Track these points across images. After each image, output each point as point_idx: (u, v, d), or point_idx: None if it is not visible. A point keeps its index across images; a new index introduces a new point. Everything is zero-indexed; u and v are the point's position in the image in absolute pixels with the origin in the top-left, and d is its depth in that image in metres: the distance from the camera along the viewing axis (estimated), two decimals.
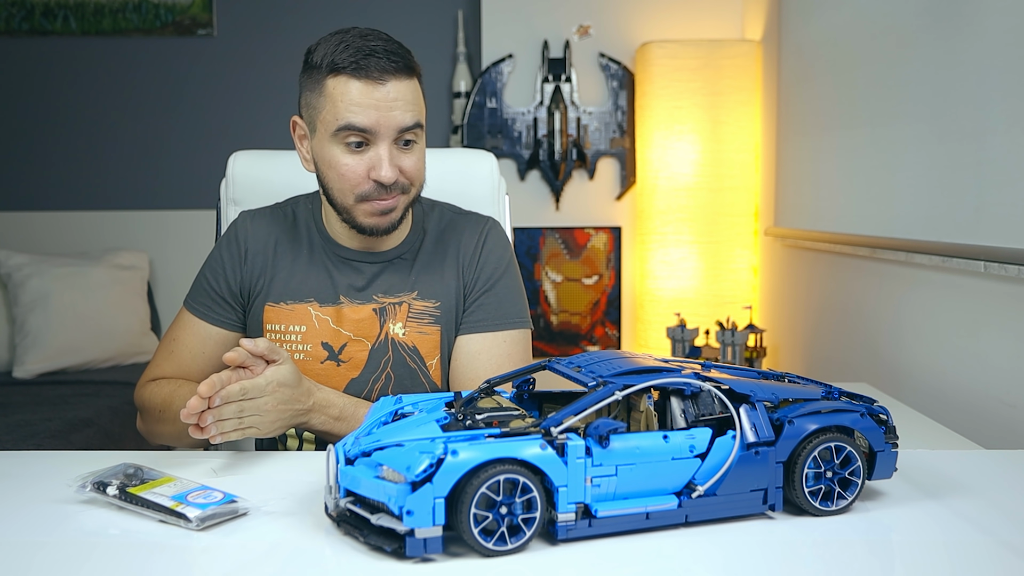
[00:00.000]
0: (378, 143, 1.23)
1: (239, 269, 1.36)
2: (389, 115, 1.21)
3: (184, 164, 3.51)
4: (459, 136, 3.28)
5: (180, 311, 1.39)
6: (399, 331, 1.33)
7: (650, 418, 0.89)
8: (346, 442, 0.87)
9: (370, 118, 1.21)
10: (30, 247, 3.29)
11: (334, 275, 1.35)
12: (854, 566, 0.80)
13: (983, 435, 1.60)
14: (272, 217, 1.40)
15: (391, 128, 1.22)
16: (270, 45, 3.48)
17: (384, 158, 1.22)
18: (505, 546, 0.78)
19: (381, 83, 1.21)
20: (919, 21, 1.86)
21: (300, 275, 1.35)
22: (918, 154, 1.86)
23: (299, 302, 1.34)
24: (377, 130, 1.22)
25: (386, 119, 1.21)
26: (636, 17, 3.23)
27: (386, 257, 1.36)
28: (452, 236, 1.40)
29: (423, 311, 1.34)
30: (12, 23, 3.46)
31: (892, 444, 0.92)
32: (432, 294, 1.35)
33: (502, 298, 1.37)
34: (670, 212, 3.05)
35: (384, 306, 1.34)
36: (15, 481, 1.01)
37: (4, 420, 2.40)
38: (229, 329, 1.37)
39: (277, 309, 1.34)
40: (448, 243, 1.39)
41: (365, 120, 1.21)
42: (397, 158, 1.24)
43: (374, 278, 1.35)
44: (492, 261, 1.38)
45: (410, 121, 1.23)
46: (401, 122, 1.22)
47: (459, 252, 1.38)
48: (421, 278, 1.36)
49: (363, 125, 1.21)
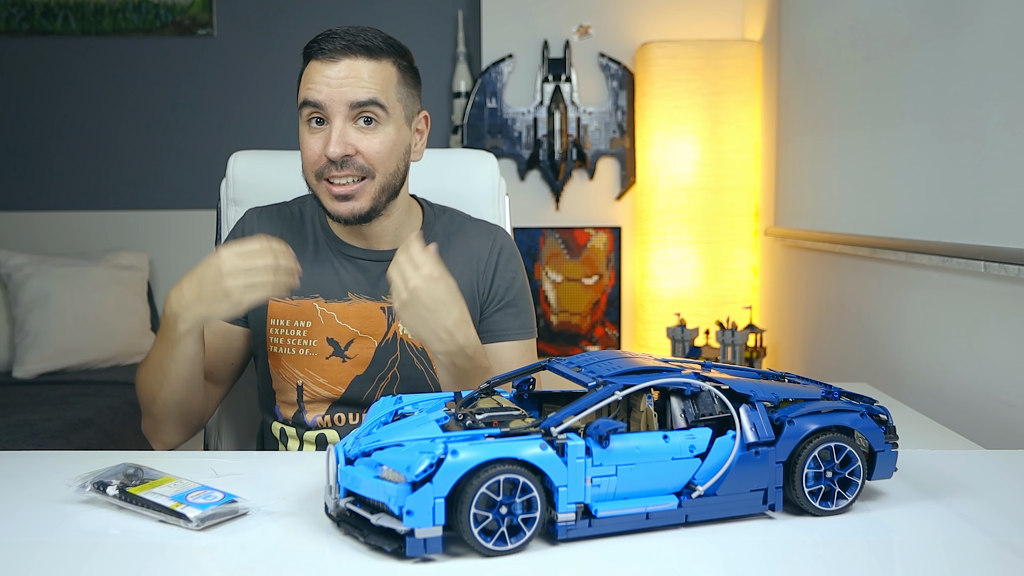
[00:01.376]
0: (333, 119, 1.25)
1: None
2: (339, 91, 1.24)
3: (184, 164, 3.51)
4: (459, 136, 3.28)
5: None
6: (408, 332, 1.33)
7: (650, 418, 0.89)
8: (346, 442, 0.87)
9: (321, 93, 1.24)
10: (30, 247, 3.29)
11: (341, 272, 1.35)
12: (854, 566, 0.80)
13: (983, 435, 1.60)
14: (279, 215, 1.41)
15: (340, 103, 1.24)
16: (270, 45, 3.48)
17: (334, 132, 1.24)
18: (505, 546, 0.78)
19: (333, 61, 1.25)
20: (919, 21, 1.86)
21: (306, 271, 1.34)
22: (918, 154, 1.86)
23: (304, 298, 1.34)
24: (328, 105, 1.24)
25: (337, 94, 1.24)
26: (636, 17, 3.23)
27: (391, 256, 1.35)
28: (461, 240, 1.41)
29: None
30: (12, 23, 3.46)
31: (892, 444, 0.92)
32: None
33: (523, 307, 1.42)
34: (670, 212, 3.05)
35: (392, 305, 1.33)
36: (15, 481, 1.01)
37: (4, 420, 2.40)
38: (237, 325, 1.36)
39: (282, 304, 1.34)
40: (457, 247, 1.39)
41: (317, 95, 1.24)
42: (350, 135, 1.25)
43: (379, 277, 1.35)
44: (511, 270, 1.42)
45: (362, 96, 1.24)
46: (351, 97, 1.24)
47: (471, 258, 1.39)
48: None
49: (315, 100, 1.24)
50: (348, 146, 1.25)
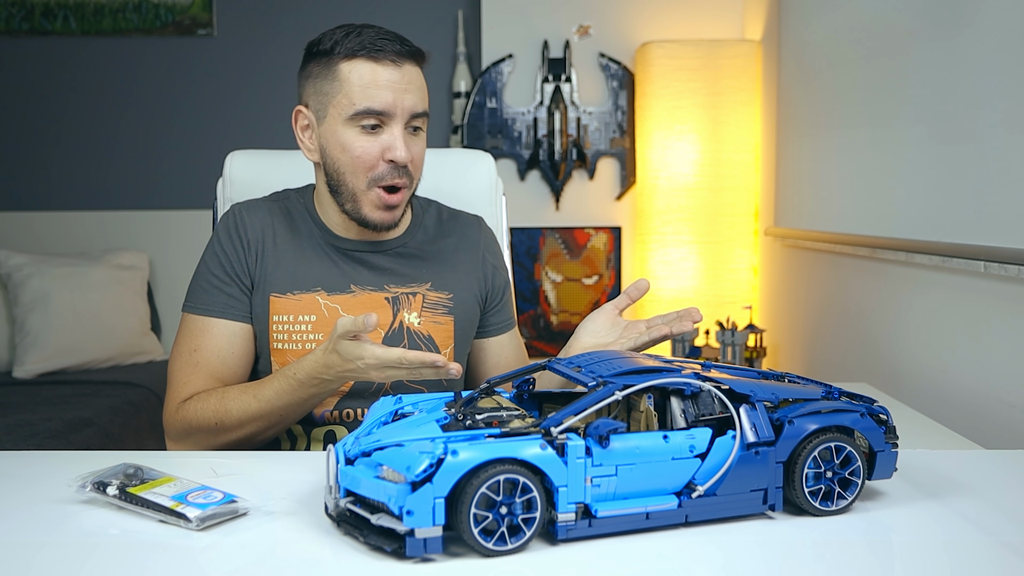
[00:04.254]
0: (392, 125, 1.26)
1: (244, 258, 1.33)
2: (404, 96, 1.25)
3: (184, 164, 3.51)
4: (459, 136, 3.28)
5: (187, 320, 1.32)
6: (414, 320, 1.35)
7: (650, 418, 0.89)
8: (346, 442, 0.87)
9: (387, 100, 1.24)
10: (30, 247, 3.29)
11: (341, 265, 1.35)
12: (854, 566, 0.80)
13: (983, 435, 1.60)
14: (268, 209, 1.38)
15: (405, 111, 1.25)
16: (270, 45, 3.48)
17: (399, 137, 1.25)
18: (505, 546, 0.78)
19: (397, 66, 1.25)
20: (919, 22, 1.86)
21: (304, 264, 1.34)
22: (918, 154, 1.86)
23: (306, 292, 1.32)
24: (393, 112, 1.25)
25: (402, 100, 1.25)
26: (636, 17, 3.23)
27: (389, 247, 1.38)
28: (454, 231, 1.45)
29: (437, 302, 1.37)
30: (12, 23, 3.46)
31: (892, 444, 0.92)
32: (445, 286, 1.39)
33: (510, 294, 1.50)
34: (670, 212, 3.05)
35: (397, 295, 1.35)
36: (15, 481, 1.01)
37: (4, 420, 2.40)
38: (250, 322, 1.33)
39: (284, 300, 1.32)
40: (452, 239, 1.43)
41: (382, 101, 1.24)
42: (409, 142, 1.27)
43: (382, 268, 1.36)
44: (502, 263, 1.48)
45: (420, 107, 1.27)
46: (414, 106, 1.26)
47: (471, 249, 1.44)
48: (433, 271, 1.39)
49: (381, 107, 1.24)
50: (409, 152, 1.27)
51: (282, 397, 1.21)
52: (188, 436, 1.26)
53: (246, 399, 1.22)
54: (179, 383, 1.28)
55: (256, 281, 1.33)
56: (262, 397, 1.22)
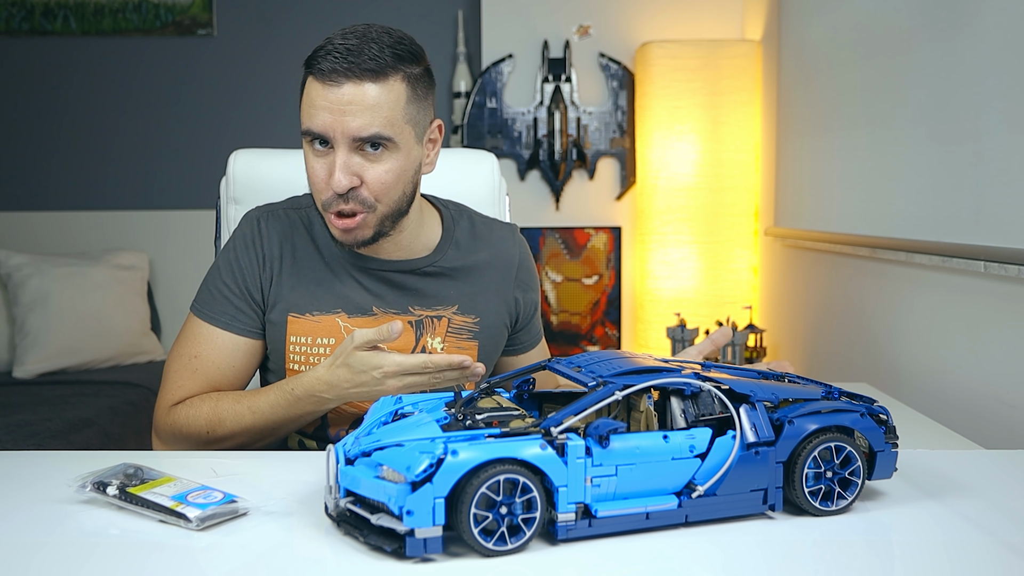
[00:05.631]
0: (336, 147, 1.15)
1: (259, 274, 1.28)
2: (341, 120, 1.13)
3: (184, 164, 3.51)
4: (459, 136, 3.28)
5: (192, 322, 1.28)
6: (437, 346, 1.30)
7: (650, 418, 0.89)
8: (346, 442, 0.87)
9: (324, 122, 1.14)
10: (30, 247, 3.29)
11: (364, 284, 1.28)
12: (854, 566, 0.80)
13: (983, 435, 1.60)
14: (288, 221, 1.31)
15: (344, 134, 1.14)
16: (270, 45, 3.49)
17: (337, 164, 1.14)
18: (505, 546, 0.78)
19: (335, 85, 1.13)
20: (919, 21, 1.86)
21: (325, 284, 1.27)
22: (918, 154, 1.86)
23: (326, 313, 1.26)
24: (331, 135, 1.14)
25: (339, 123, 1.13)
26: (636, 17, 3.23)
27: (418, 266, 1.30)
28: (486, 247, 1.37)
29: (462, 326, 1.32)
30: (12, 23, 3.47)
31: (892, 444, 0.92)
32: (473, 309, 1.32)
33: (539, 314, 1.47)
34: (670, 212, 3.05)
35: (421, 319, 1.29)
36: (15, 481, 1.01)
37: (4, 420, 2.40)
38: (255, 338, 1.28)
39: (302, 321, 1.26)
40: (485, 255, 1.36)
41: (319, 124, 1.14)
42: (356, 166, 1.16)
43: (408, 289, 1.29)
44: (534, 279, 1.44)
45: (368, 131, 1.14)
46: (354, 130, 1.13)
47: (504, 267, 1.37)
48: (462, 292, 1.32)
49: (317, 129, 1.15)
50: (353, 177, 1.16)
51: (277, 411, 1.19)
52: (177, 440, 1.24)
53: (240, 410, 1.20)
54: (174, 384, 1.26)
55: (270, 300, 1.28)
56: (256, 409, 1.20)
